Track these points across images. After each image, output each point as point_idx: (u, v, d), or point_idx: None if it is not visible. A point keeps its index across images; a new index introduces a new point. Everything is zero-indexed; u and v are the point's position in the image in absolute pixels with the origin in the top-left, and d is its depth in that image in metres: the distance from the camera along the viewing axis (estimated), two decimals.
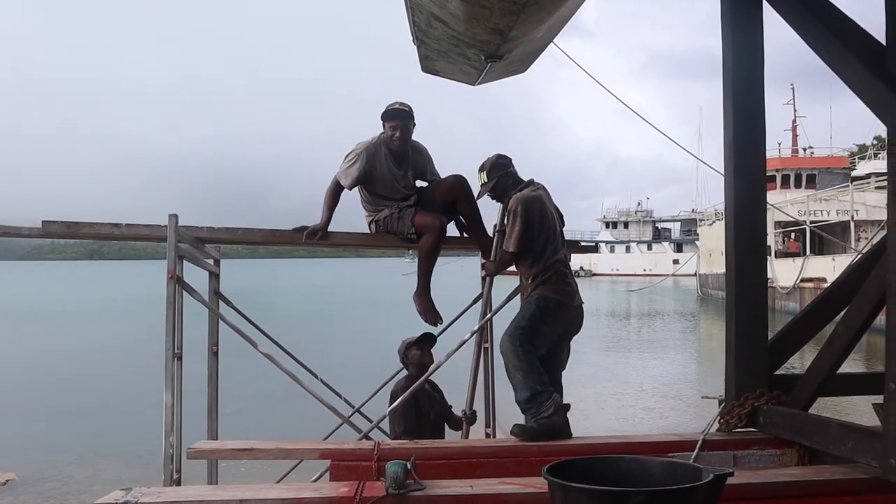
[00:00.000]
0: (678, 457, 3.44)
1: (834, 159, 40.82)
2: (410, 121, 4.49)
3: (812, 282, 24.32)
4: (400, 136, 4.45)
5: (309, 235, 4.40)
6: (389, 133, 4.46)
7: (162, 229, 3.89)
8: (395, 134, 4.44)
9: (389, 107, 4.46)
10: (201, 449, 3.73)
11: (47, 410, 11.50)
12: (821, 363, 3.61)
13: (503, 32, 3.84)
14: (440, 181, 4.68)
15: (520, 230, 4.00)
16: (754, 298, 4.01)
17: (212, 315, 4.51)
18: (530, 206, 4.05)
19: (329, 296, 44.12)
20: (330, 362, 10.42)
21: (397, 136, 4.44)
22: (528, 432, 3.76)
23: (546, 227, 4.07)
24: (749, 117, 4.00)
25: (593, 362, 15.70)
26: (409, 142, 4.53)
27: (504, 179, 4.25)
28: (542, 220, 4.07)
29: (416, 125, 4.54)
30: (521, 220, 4.01)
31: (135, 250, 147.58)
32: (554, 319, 3.99)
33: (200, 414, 4.59)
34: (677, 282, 53.79)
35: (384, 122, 4.48)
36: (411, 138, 4.55)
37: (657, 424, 10.23)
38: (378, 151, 4.47)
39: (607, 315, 30.50)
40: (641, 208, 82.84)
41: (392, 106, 4.45)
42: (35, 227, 4.19)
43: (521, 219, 4.01)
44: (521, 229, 4.00)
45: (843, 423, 3.26)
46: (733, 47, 3.99)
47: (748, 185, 4.02)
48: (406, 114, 4.45)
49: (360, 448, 3.60)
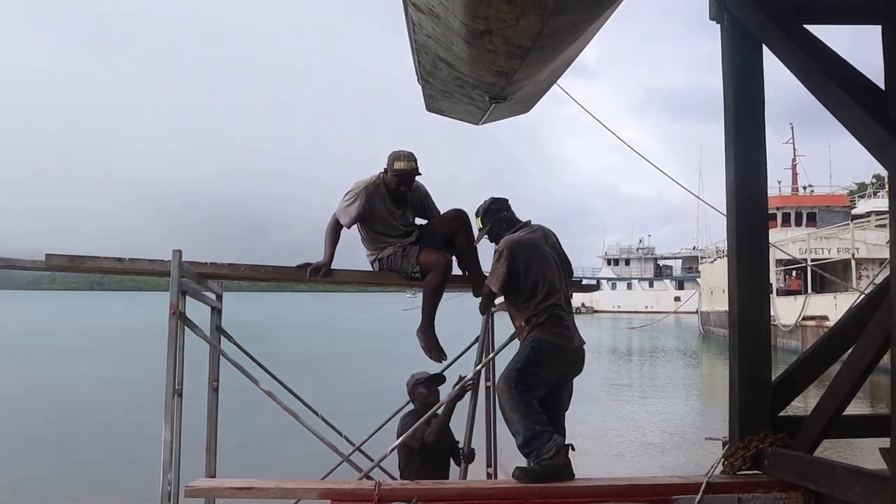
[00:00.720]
0: (682, 500, 3.40)
1: (834, 197, 40.96)
2: (414, 176, 4.53)
3: (814, 320, 24.24)
4: (404, 190, 4.54)
5: (312, 273, 4.40)
6: (394, 184, 4.50)
7: (165, 265, 3.89)
8: (399, 188, 4.51)
9: (397, 161, 4.46)
10: (200, 487, 3.69)
11: (43, 444, 11.39)
12: (826, 405, 3.58)
13: (508, 75, 3.88)
14: (441, 215, 4.71)
15: (503, 272, 3.99)
16: (757, 339, 3.99)
17: (213, 351, 4.49)
18: (516, 250, 4.03)
19: (330, 330, 43.99)
20: (330, 398, 10.36)
21: (402, 189, 4.52)
22: (529, 475, 3.71)
23: (536, 270, 4.01)
24: (750, 157, 4.03)
25: (594, 400, 15.57)
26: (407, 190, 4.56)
27: (497, 225, 4.28)
28: (530, 263, 4.02)
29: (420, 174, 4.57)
30: (506, 262, 4.00)
31: (135, 282, 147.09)
32: (550, 362, 3.94)
33: (199, 448, 4.54)
34: (679, 319, 53.61)
35: (388, 170, 4.50)
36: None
37: (658, 464, 10.12)
38: (377, 191, 4.52)
39: (608, 352, 30.33)
40: (643, 245, 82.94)
41: (400, 161, 4.46)
42: (39, 261, 4.20)
43: (506, 261, 4.00)
44: (504, 272, 3.99)
45: (850, 467, 3.22)
46: (734, 90, 4.04)
47: (750, 224, 4.03)
48: (413, 174, 4.50)
49: (361, 488, 3.56)
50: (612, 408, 15.39)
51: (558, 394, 4.09)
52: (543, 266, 4.04)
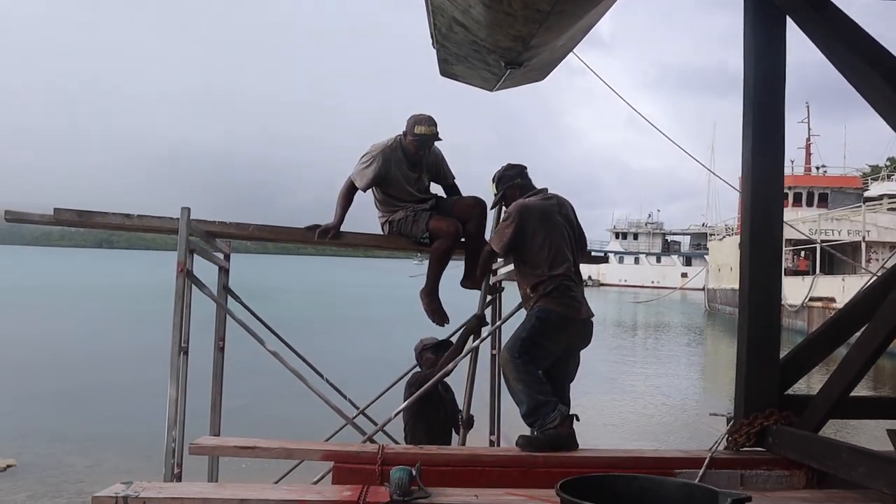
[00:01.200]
0: (684, 474, 3.40)
1: (847, 179, 40.58)
2: (434, 141, 4.48)
3: (821, 301, 24.16)
4: (422, 154, 4.49)
5: (321, 234, 4.39)
6: (412, 146, 4.44)
7: (173, 222, 3.87)
8: (418, 152, 4.46)
9: (418, 126, 4.39)
10: (204, 445, 3.71)
11: (50, 397, 11.54)
12: (833, 385, 3.55)
13: (525, 40, 3.80)
14: (460, 199, 4.65)
15: (510, 234, 3.95)
16: (767, 316, 3.96)
17: (219, 310, 4.49)
18: (525, 214, 3.99)
19: (337, 294, 44.19)
20: (336, 361, 10.41)
21: (420, 153, 4.48)
22: (533, 443, 3.71)
23: (546, 237, 3.95)
24: (768, 134, 3.96)
25: (598, 373, 15.61)
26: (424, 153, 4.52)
27: (512, 191, 4.25)
28: (539, 229, 3.96)
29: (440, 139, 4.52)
30: (513, 224, 3.96)
31: (143, 241, 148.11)
32: (556, 333, 3.90)
33: (204, 407, 4.57)
34: (685, 295, 53.61)
35: (408, 134, 4.44)
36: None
37: (660, 438, 10.17)
38: (394, 154, 4.47)
39: (613, 325, 30.37)
40: (652, 220, 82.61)
41: (421, 125, 4.39)
42: (47, 215, 4.19)
43: (513, 223, 3.96)
44: (510, 234, 3.95)
45: (856, 448, 3.21)
46: (755, 63, 3.95)
47: (765, 201, 3.97)
48: (433, 139, 4.45)
49: (364, 451, 3.57)
50: (614, 380, 15.44)
51: (564, 365, 4.07)
52: (552, 234, 3.98)
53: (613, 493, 2.14)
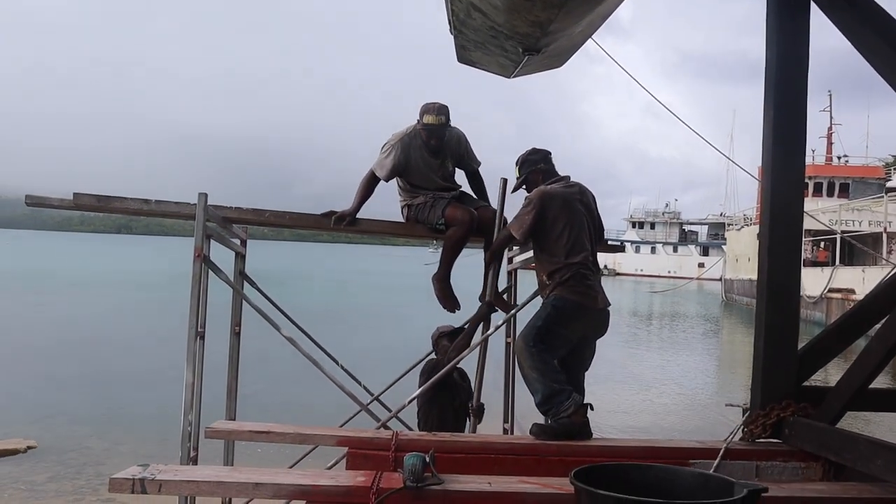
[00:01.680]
0: (699, 464, 3.38)
1: (869, 169, 40.03)
2: (444, 130, 4.46)
3: (840, 292, 23.90)
4: (435, 143, 4.47)
5: (337, 221, 4.40)
6: (423, 137, 4.45)
7: (191, 207, 3.89)
8: (430, 141, 4.45)
9: (426, 115, 4.39)
10: (220, 429, 3.74)
11: (71, 381, 11.69)
12: (852, 377, 3.52)
13: (543, 25, 3.76)
14: (486, 209, 4.60)
15: (530, 220, 3.93)
16: (786, 307, 3.92)
17: (236, 295, 4.51)
18: (547, 201, 3.96)
19: (352, 281, 44.34)
20: (350, 348, 10.44)
21: (433, 143, 4.47)
22: (547, 432, 3.70)
23: (566, 225, 3.93)
24: (790, 122, 3.90)
25: (613, 362, 15.58)
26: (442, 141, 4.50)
27: (534, 175, 4.22)
28: (559, 216, 3.94)
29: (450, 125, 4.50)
30: (534, 210, 3.94)
31: (162, 227, 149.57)
32: (572, 321, 3.88)
33: (220, 392, 4.60)
34: (702, 285, 53.24)
35: (420, 123, 4.44)
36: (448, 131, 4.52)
37: (675, 428, 10.13)
38: (413, 142, 4.47)
39: (629, 314, 30.26)
40: (669, 209, 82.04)
41: (429, 115, 4.39)
42: (66, 199, 4.22)
43: (534, 209, 3.94)
44: (530, 220, 3.93)
45: (874, 440, 3.17)
46: (778, 49, 3.89)
47: (786, 190, 3.92)
48: (441, 129, 4.42)
49: (378, 437, 3.58)
50: (629, 369, 15.40)
51: (580, 353, 4.06)
52: (572, 222, 3.96)
53: (628, 482, 2.13)
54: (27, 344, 15.18)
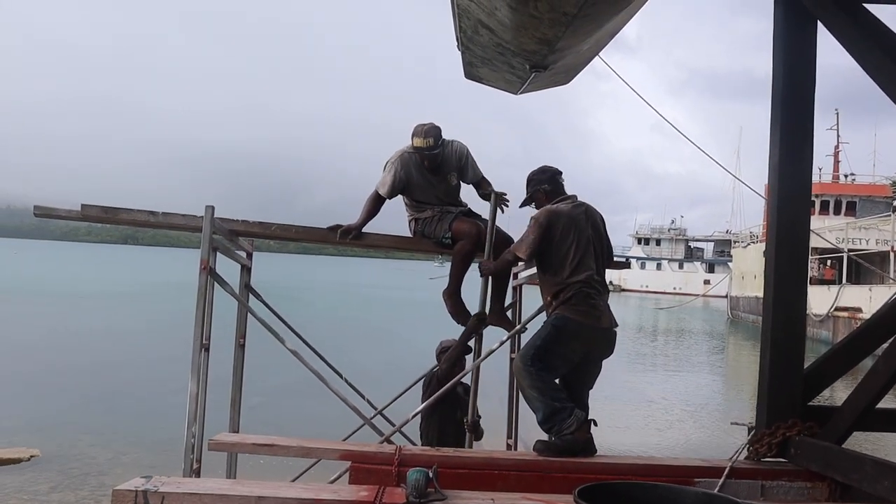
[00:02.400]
0: (704, 483, 3.36)
1: (876, 187, 39.90)
2: (434, 152, 4.45)
3: (847, 311, 23.78)
4: (428, 165, 4.50)
5: (343, 234, 4.42)
6: (418, 158, 4.49)
7: (197, 220, 3.91)
8: (423, 162, 4.50)
9: (415, 138, 4.43)
10: (223, 442, 3.73)
11: (75, 391, 11.70)
12: (859, 396, 3.49)
13: (550, 43, 3.79)
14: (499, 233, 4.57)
15: (534, 239, 3.91)
16: (792, 325, 3.90)
17: (241, 308, 4.52)
18: (553, 220, 3.94)
19: (357, 295, 44.31)
20: (354, 361, 10.43)
21: (426, 164, 4.50)
22: (551, 448, 3.68)
23: (571, 244, 3.90)
24: (796, 141, 3.90)
25: (618, 379, 15.50)
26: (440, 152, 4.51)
27: (539, 195, 4.20)
28: (565, 236, 3.91)
29: (443, 140, 4.51)
30: (540, 230, 3.91)
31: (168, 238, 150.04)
32: (572, 341, 3.84)
33: (223, 404, 4.60)
34: (707, 302, 53.04)
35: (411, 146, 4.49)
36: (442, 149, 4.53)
37: (680, 446, 10.06)
38: (412, 158, 4.52)
39: (634, 330, 30.14)
40: (675, 226, 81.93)
41: (417, 137, 4.42)
42: (74, 210, 4.25)
43: (540, 229, 3.91)
44: (535, 238, 3.91)
45: (881, 461, 3.14)
46: (784, 66, 3.90)
47: (792, 208, 3.91)
48: (427, 151, 4.43)
49: (382, 452, 3.57)
50: (634, 386, 15.31)
51: (584, 373, 4.02)
52: (577, 241, 3.93)
53: (631, 500, 2.12)
54: (31, 353, 15.20)
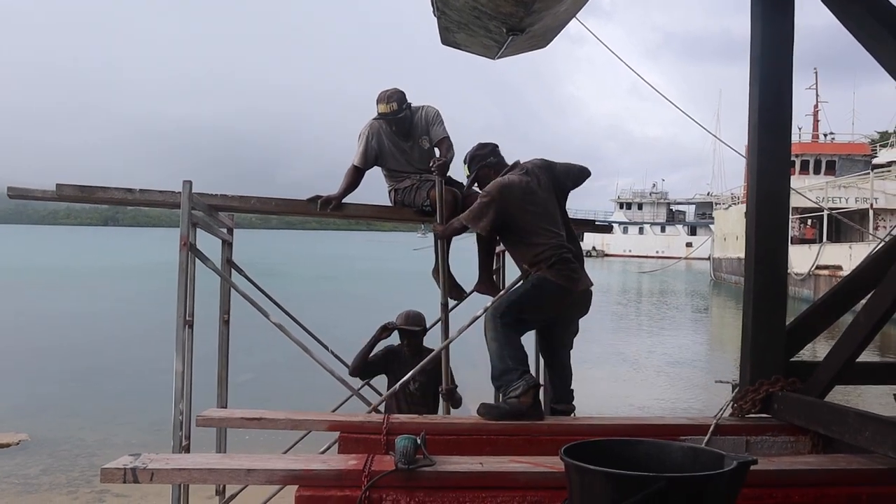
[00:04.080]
0: (690, 440, 3.40)
1: (855, 146, 40.20)
2: (399, 116, 4.46)
3: (827, 269, 24.08)
4: (396, 129, 4.52)
5: (323, 205, 4.40)
6: (385, 124, 4.52)
7: (175, 196, 3.86)
8: (391, 127, 4.52)
9: (379, 105, 4.46)
10: (211, 417, 3.73)
11: (61, 373, 11.65)
12: (840, 351, 3.54)
13: (527, 4, 3.75)
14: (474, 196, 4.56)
15: (491, 216, 3.80)
16: (774, 283, 3.93)
17: (224, 283, 4.49)
18: (506, 193, 3.83)
19: (341, 268, 44.26)
20: (341, 334, 10.42)
21: (394, 129, 4.52)
22: (492, 412, 3.64)
23: (532, 214, 3.83)
24: (775, 100, 3.89)
25: (603, 342, 15.67)
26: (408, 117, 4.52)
27: (485, 171, 4.12)
28: (523, 207, 3.83)
29: (408, 104, 4.52)
30: (494, 204, 3.80)
31: (148, 217, 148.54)
32: (549, 302, 3.82)
33: (210, 382, 4.59)
34: (690, 265, 53.51)
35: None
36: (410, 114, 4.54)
37: (666, 406, 10.22)
38: (382, 127, 4.55)
39: (619, 295, 30.40)
40: (656, 190, 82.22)
41: (380, 104, 4.45)
42: (49, 190, 4.18)
43: (494, 203, 3.80)
44: (492, 216, 3.79)
45: (862, 413, 3.20)
46: (763, 26, 3.88)
47: (772, 168, 3.92)
48: (391, 115, 4.45)
49: (370, 421, 3.58)
50: (619, 349, 15.49)
51: (561, 333, 4.05)
52: (536, 209, 3.85)
53: (618, 457, 2.13)
54: (16, 337, 15.09)
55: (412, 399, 4.52)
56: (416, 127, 4.57)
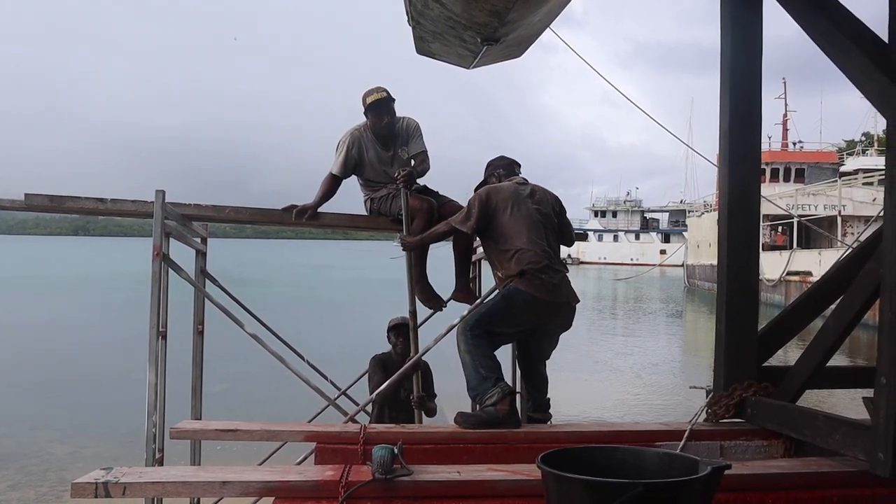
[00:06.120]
0: (665, 446, 3.43)
1: (823, 154, 40.94)
2: (391, 103, 4.51)
3: (798, 275, 24.46)
4: (388, 120, 4.50)
5: (298, 214, 4.38)
6: (375, 121, 4.49)
7: (148, 205, 3.82)
8: (382, 120, 4.48)
9: (369, 96, 4.46)
10: (185, 429, 3.68)
11: (30, 385, 11.43)
12: (810, 356, 3.59)
13: (501, 15, 3.77)
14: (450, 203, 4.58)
15: (476, 214, 3.86)
16: (745, 290, 3.98)
17: (198, 294, 4.45)
18: (492, 193, 3.91)
19: (317, 277, 44.03)
20: (316, 344, 10.38)
21: (386, 121, 4.49)
22: (469, 420, 3.64)
23: (512, 217, 3.85)
24: (745, 109, 3.95)
25: (579, 349, 15.74)
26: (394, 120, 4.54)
27: (493, 180, 4.23)
28: (508, 211, 3.86)
29: (395, 100, 4.55)
30: (480, 204, 3.88)
31: (120, 227, 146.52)
32: (521, 313, 3.80)
33: (184, 393, 4.54)
34: (664, 272, 54.06)
35: (366, 111, 4.51)
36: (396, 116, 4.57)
37: (641, 412, 10.29)
38: (363, 136, 4.54)
39: (593, 301, 30.59)
40: (630, 198, 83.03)
41: (371, 94, 4.46)
42: (17, 200, 4.11)
43: (480, 203, 3.88)
44: (477, 214, 3.86)
45: (831, 416, 3.25)
46: (732, 37, 3.95)
47: (743, 176, 3.98)
48: (385, 101, 4.46)
49: (346, 431, 3.56)
50: (595, 356, 15.57)
51: (540, 345, 4.06)
52: (519, 214, 3.87)
53: (594, 464, 2.15)
54: None
55: (401, 407, 4.52)
56: (397, 136, 4.57)
